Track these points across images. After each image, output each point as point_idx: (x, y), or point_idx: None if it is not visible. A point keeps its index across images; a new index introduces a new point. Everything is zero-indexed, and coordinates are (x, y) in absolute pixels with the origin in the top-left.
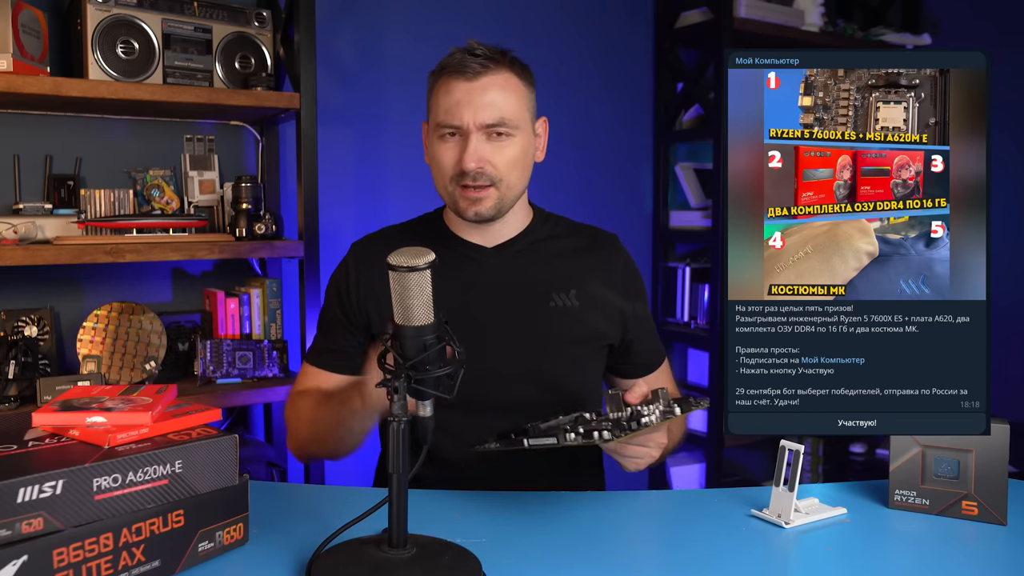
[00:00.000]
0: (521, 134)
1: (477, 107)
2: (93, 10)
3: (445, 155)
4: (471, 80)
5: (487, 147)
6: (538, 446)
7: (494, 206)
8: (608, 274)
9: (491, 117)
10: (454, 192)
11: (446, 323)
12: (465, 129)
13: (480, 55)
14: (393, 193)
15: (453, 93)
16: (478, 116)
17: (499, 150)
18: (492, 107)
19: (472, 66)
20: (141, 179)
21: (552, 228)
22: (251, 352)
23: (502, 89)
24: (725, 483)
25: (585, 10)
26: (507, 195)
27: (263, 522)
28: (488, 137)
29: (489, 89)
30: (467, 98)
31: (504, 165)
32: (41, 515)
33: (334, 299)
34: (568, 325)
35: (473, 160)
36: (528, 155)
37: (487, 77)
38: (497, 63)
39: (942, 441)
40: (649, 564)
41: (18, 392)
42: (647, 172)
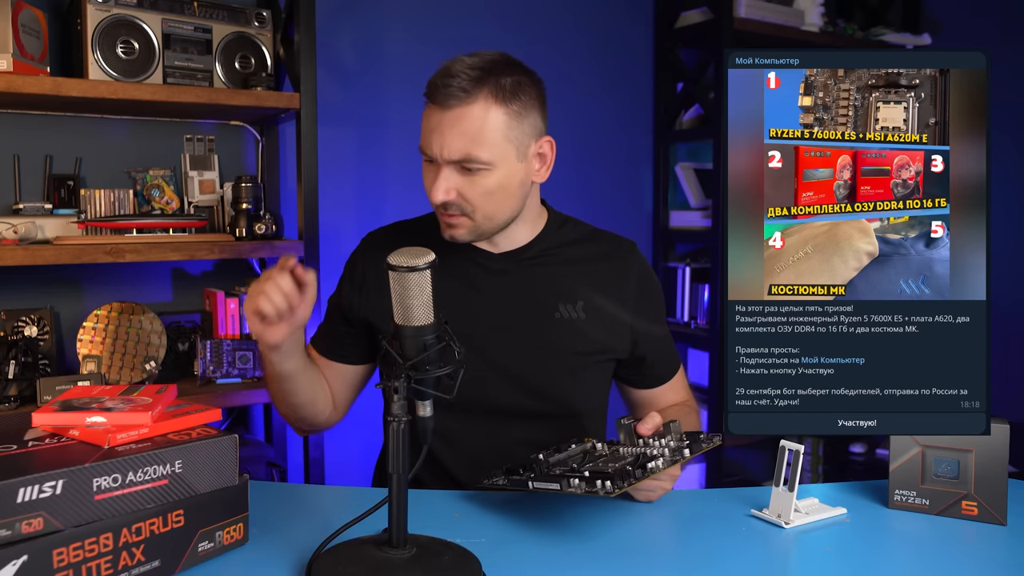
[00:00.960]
0: (499, 167)
1: (444, 141)
2: (93, 10)
3: (426, 178)
4: (444, 110)
5: (458, 179)
6: (541, 490)
7: (469, 233)
8: (620, 286)
9: (457, 153)
10: (436, 212)
11: (446, 323)
12: (437, 160)
13: (455, 84)
14: (393, 193)
15: (429, 120)
16: (444, 151)
17: (471, 183)
18: (460, 141)
19: (444, 93)
20: (141, 179)
21: (566, 235)
22: (251, 352)
23: (475, 121)
24: (725, 483)
25: (585, 10)
26: (485, 224)
27: (263, 522)
28: (459, 169)
29: (459, 121)
30: (439, 128)
31: (477, 198)
32: (41, 515)
33: (347, 285)
34: (572, 337)
35: (440, 193)
36: (511, 184)
37: (460, 108)
38: (475, 90)
39: (942, 441)
40: (649, 564)
41: (18, 392)
42: (647, 172)
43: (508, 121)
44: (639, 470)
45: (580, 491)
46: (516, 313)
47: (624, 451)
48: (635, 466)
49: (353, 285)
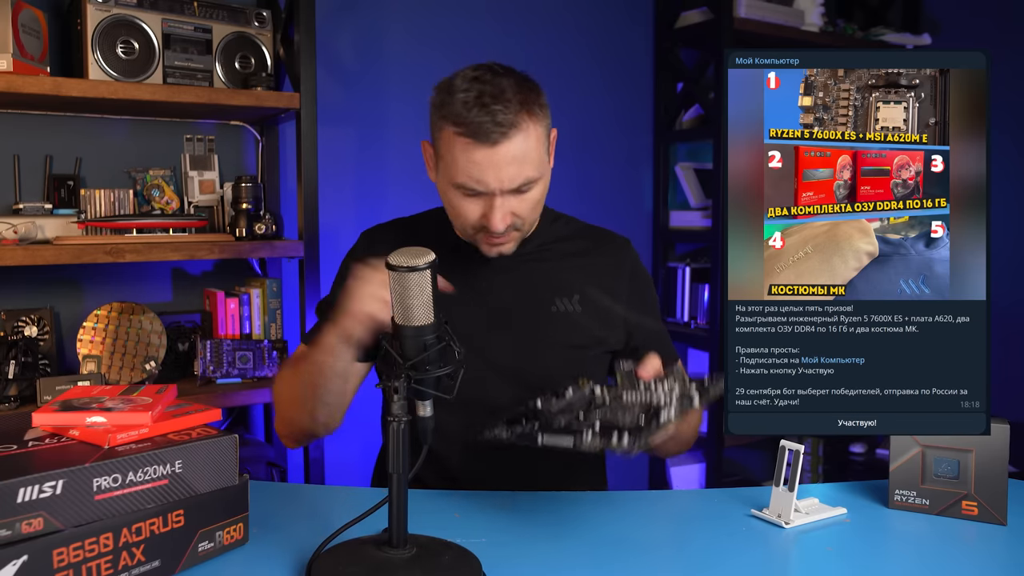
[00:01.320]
0: (544, 176)
1: (503, 175)
2: (93, 10)
3: (466, 208)
4: (493, 147)
5: (513, 202)
6: (552, 446)
7: (516, 244)
8: (614, 278)
9: (516, 181)
10: (475, 236)
11: (446, 323)
12: (491, 192)
13: (500, 119)
14: (393, 193)
15: (473, 157)
16: (504, 183)
17: (523, 201)
18: (519, 172)
19: (492, 133)
20: (141, 179)
21: (560, 230)
22: (251, 352)
23: (525, 145)
24: (725, 483)
25: (585, 10)
26: (528, 231)
27: (263, 522)
28: (513, 194)
29: (510, 154)
30: (491, 164)
31: (528, 212)
32: (41, 515)
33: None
34: (568, 330)
35: (501, 222)
36: (548, 184)
37: (507, 142)
38: (516, 117)
39: (942, 441)
40: (649, 564)
41: (18, 392)
42: (647, 172)
43: (543, 134)
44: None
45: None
46: (515, 309)
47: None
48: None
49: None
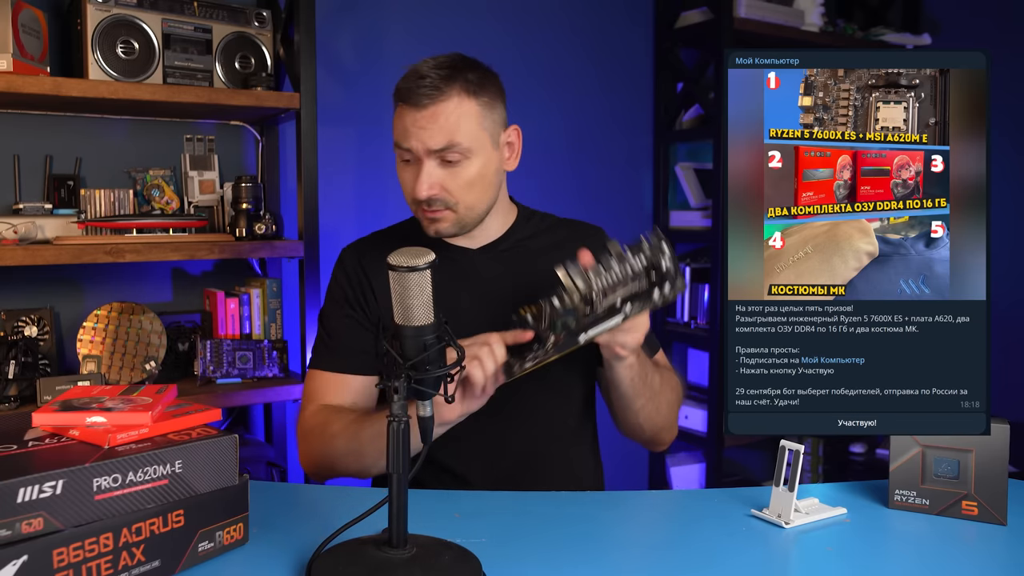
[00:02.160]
0: (477, 155)
1: (425, 135)
2: (93, 10)
3: (404, 177)
4: (418, 109)
5: (440, 172)
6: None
7: (453, 225)
8: None
9: (439, 142)
10: (416, 211)
11: (446, 323)
12: (416, 155)
13: (427, 84)
14: (393, 193)
15: (404, 119)
16: (426, 143)
17: (453, 175)
18: (440, 133)
19: (418, 94)
20: (141, 179)
21: (536, 225)
22: (251, 352)
23: (453, 113)
24: (725, 483)
25: (585, 10)
26: (467, 216)
27: (263, 522)
28: (440, 162)
29: (437, 117)
30: (415, 125)
31: (459, 189)
32: (41, 515)
33: (342, 302)
34: None
35: (424, 188)
36: (489, 172)
37: (435, 106)
38: (448, 85)
39: (942, 441)
40: (649, 564)
41: (18, 392)
42: (647, 172)
43: (480, 111)
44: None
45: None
46: (499, 303)
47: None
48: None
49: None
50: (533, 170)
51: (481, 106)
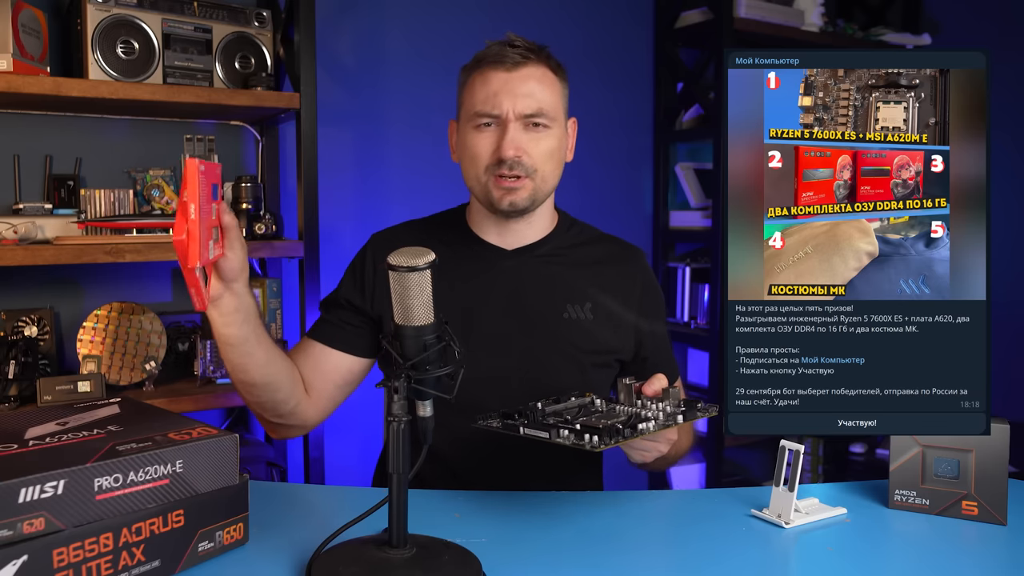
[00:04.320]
0: (557, 127)
1: (517, 96)
2: (93, 10)
3: (480, 144)
4: (510, 70)
5: (524, 137)
6: (531, 436)
7: (528, 196)
8: (627, 289)
9: (530, 107)
10: (487, 182)
11: (446, 323)
12: (504, 118)
13: (519, 46)
14: (393, 193)
15: (491, 83)
16: (517, 105)
17: (536, 141)
18: (531, 97)
19: (512, 56)
20: (141, 179)
21: (576, 236)
22: None
23: (540, 81)
24: (725, 483)
25: (585, 10)
26: (541, 188)
27: (263, 522)
28: (525, 127)
29: (528, 80)
30: (506, 87)
31: (540, 156)
32: (43, 515)
33: (349, 284)
34: (579, 338)
35: (512, 148)
36: (562, 150)
37: (526, 68)
38: (536, 56)
39: (942, 441)
40: (649, 564)
41: (18, 392)
42: (647, 172)
43: (561, 89)
44: (628, 429)
45: (568, 443)
46: (526, 311)
47: (620, 409)
48: (626, 425)
49: (365, 283)
50: None
51: (560, 82)
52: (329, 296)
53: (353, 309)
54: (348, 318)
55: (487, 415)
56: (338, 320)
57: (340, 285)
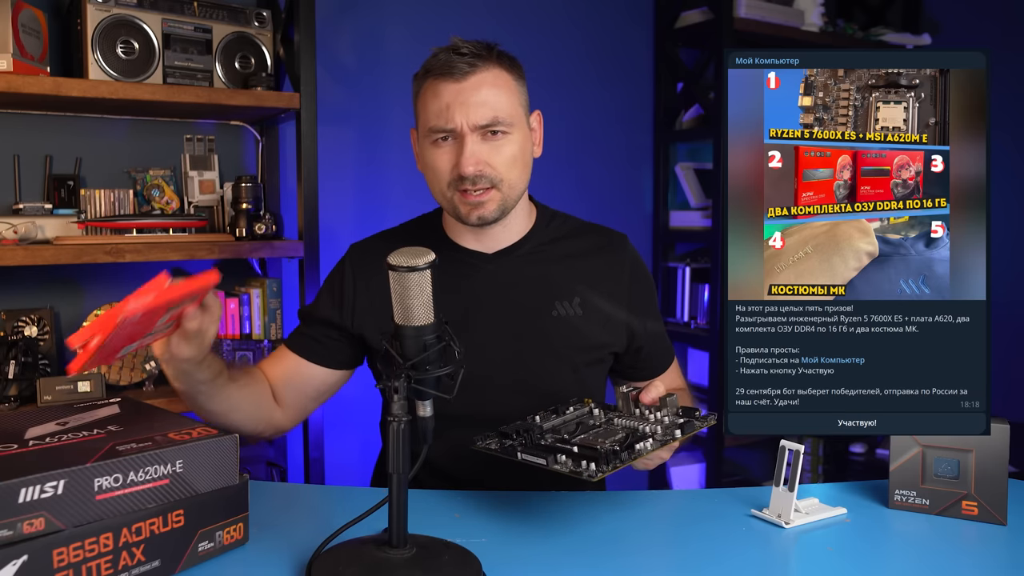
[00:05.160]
0: (517, 131)
1: (469, 107)
2: (93, 10)
3: (440, 160)
4: (459, 81)
5: (483, 148)
6: (528, 462)
7: (497, 208)
8: (615, 279)
9: (485, 117)
10: (453, 198)
11: (446, 323)
12: (459, 132)
13: (467, 53)
14: (393, 193)
15: (442, 96)
16: (471, 117)
17: (496, 150)
18: (485, 106)
19: (459, 66)
20: (141, 179)
21: (556, 229)
22: (251, 352)
23: (493, 87)
24: (725, 483)
25: (585, 10)
26: (509, 195)
27: (263, 522)
28: (483, 138)
29: (480, 88)
30: (458, 99)
31: (503, 165)
32: (43, 515)
33: (326, 302)
34: (571, 335)
35: (471, 164)
36: (526, 152)
37: (476, 76)
38: (485, 60)
39: (942, 441)
40: (649, 564)
41: (18, 392)
42: (647, 172)
43: (517, 87)
44: (626, 452)
45: (566, 470)
46: (514, 313)
47: (618, 423)
48: (623, 447)
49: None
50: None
51: (516, 80)
52: (307, 307)
53: (329, 324)
54: (325, 331)
55: (485, 436)
56: (314, 333)
57: (318, 300)
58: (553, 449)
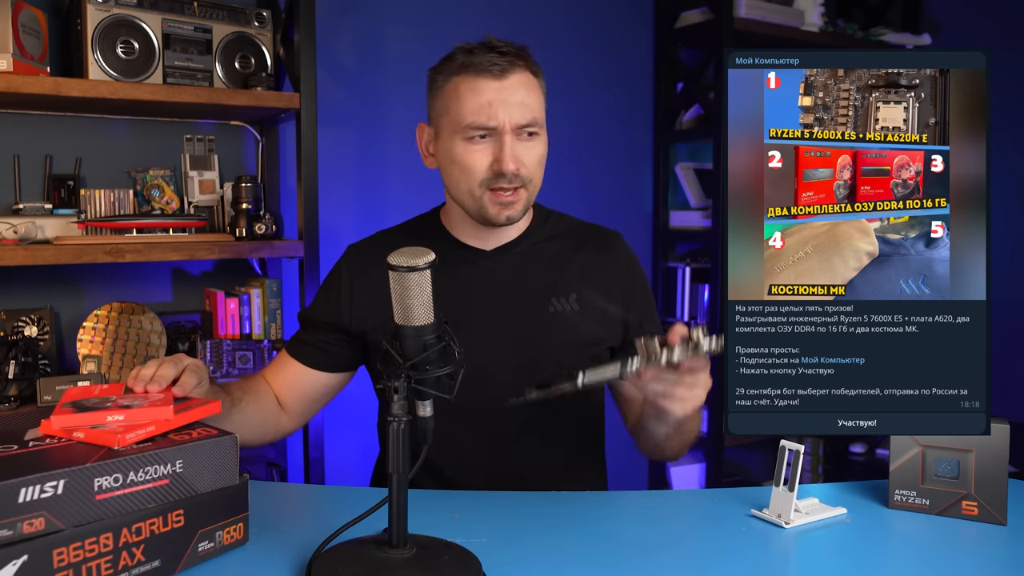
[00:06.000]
0: (544, 132)
1: (512, 107)
2: (93, 10)
3: (475, 157)
4: (500, 79)
5: (520, 148)
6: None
7: (523, 208)
8: (610, 275)
9: (525, 117)
10: (482, 196)
11: (446, 323)
12: (500, 130)
13: (507, 53)
14: (393, 193)
15: (483, 93)
16: (513, 116)
17: (530, 151)
18: (524, 106)
19: (500, 63)
20: (141, 179)
21: (552, 228)
22: (251, 352)
23: (528, 88)
24: (725, 483)
25: (585, 10)
26: (532, 196)
27: (263, 522)
28: (519, 138)
29: (519, 88)
30: (499, 97)
31: (534, 166)
32: (43, 515)
33: (323, 305)
34: (567, 331)
35: (513, 161)
36: (546, 151)
37: (516, 76)
38: (523, 60)
39: (942, 441)
40: (649, 564)
41: (18, 392)
42: (647, 172)
43: (544, 91)
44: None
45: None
46: (511, 310)
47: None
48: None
49: (341, 299)
50: None
51: (542, 84)
52: (306, 311)
53: (328, 328)
54: (324, 336)
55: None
56: (314, 340)
57: (315, 304)
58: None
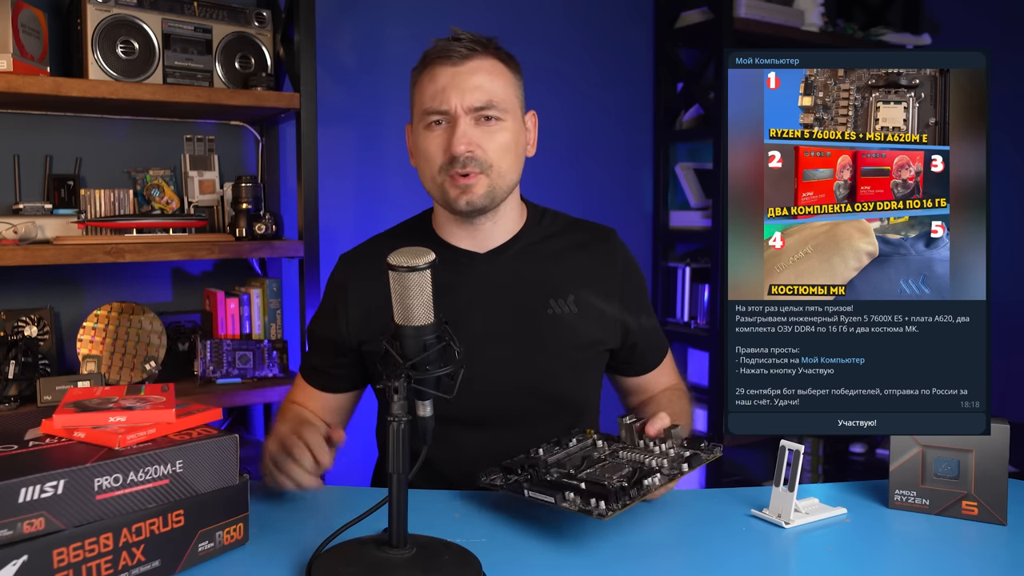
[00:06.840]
0: (511, 120)
1: (464, 90)
2: (93, 10)
3: (432, 144)
4: (457, 64)
5: (476, 131)
6: (536, 500)
7: (486, 194)
8: (607, 274)
9: (479, 99)
10: (443, 183)
11: (446, 323)
12: (453, 114)
13: (464, 42)
14: (393, 193)
15: (438, 79)
16: (466, 99)
17: (489, 135)
18: (479, 90)
19: (457, 50)
20: (141, 179)
21: (547, 227)
22: (251, 352)
23: (488, 73)
24: (725, 483)
25: (585, 10)
26: (499, 184)
27: (263, 522)
28: (477, 122)
29: (476, 73)
30: (453, 82)
31: (495, 151)
32: (43, 515)
33: (323, 319)
34: (567, 333)
35: (463, 143)
36: (519, 144)
37: (473, 61)
38: (483, 48)
39: (942, 441)
40: (649, 564)
41: (18, 392)
42: (647, 172)
43: (513, 80)
44: (635, 488)
45: (575, 508)
46: (508, 313)
47: (623, 455)
48: (632, 483)
49: (338, 312)
50: (533, 170)
51: (512, 73)
52: (310, 327)
53: (334, 348)
54: (331, 360)
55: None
56: (322, 364)
57: (316, 319)
58: (560, 486)
